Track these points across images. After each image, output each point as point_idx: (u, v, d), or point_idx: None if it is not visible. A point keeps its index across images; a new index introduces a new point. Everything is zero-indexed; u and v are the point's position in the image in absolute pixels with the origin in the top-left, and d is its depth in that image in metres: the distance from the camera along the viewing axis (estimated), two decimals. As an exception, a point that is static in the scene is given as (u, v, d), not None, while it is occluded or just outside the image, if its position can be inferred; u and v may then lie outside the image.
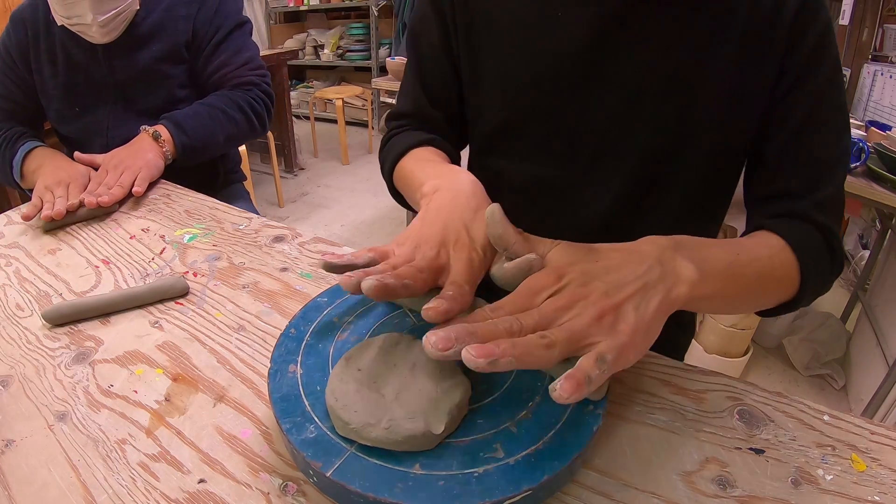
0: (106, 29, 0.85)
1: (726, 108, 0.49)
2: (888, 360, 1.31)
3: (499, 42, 0.54)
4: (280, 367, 0.36)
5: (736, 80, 0.48)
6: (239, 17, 0.99)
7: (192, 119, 0.91)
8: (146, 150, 0.83)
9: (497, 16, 0.54)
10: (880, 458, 0.34)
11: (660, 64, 0.48)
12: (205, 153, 0.94)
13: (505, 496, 0.28)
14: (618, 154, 0.52)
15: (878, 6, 1.93)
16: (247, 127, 0.98)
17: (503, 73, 0.55)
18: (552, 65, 0.51)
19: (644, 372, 0.41)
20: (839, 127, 0.49)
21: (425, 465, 0.30)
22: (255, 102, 0.99)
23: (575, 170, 0.54)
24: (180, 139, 0.88)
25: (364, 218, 2.65)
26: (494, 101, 0.57)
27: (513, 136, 0.57)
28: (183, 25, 0.93)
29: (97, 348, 0.45)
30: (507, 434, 0.31)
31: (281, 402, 0.33)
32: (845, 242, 2.24)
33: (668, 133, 0.50)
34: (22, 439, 0.36)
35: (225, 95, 0.96)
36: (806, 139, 0.49)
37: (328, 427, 0.31)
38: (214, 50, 0.96)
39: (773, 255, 0.44)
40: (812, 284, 0.45)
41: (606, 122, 0.51)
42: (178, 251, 0.61)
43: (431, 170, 0.51)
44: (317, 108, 4.05)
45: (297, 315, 0.41)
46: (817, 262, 0.46)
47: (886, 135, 1.36)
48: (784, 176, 0.50)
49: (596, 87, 0.50)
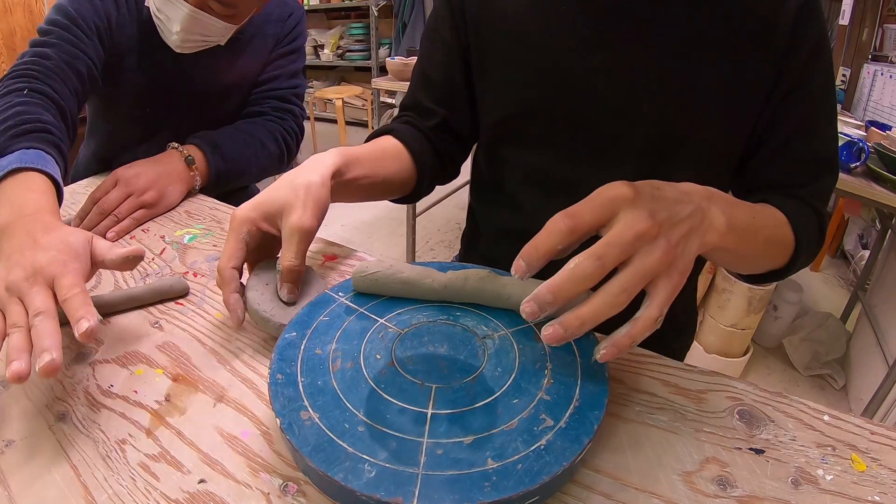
0: (186, 45, 0.76)
1: (724, 105, 0.50)
2: (888, 360, 1.31)
3: (506, 37, 0.56)
4: (291, 418, 0.33)
5: (732, 77, 0.49)
6: (306, 39, 0.98)
7: (231, 143, 0.82)
8: (173, 178, 0.73)
9: (505, 11, 0.56)
10: (880, 459, 0.34)
11: (657, 60, 0.50)
12: (233, 183, 0.85)
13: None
14: (619, 147, 0.54)
15: (878, 6, 1.93)
16: (277, 161, 0.92)
17: (510, 68, 0.57)
18: (556, 59, 0.53)
19: (644, 372, 0.41)
20: (833, 125, 0.53)
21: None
22: (288, 135, 0.93)
23: (578, 161, 0.56)
24: (215, 164, 0.79)
25: (364, 218, 2.65)
26: (502, 95, 0.58)
27: (519, 128, 0.59)
28: (270, 42, 0.90)
29: (97, 348, 0.45)
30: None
31: (318, 454, 0.30)
32: (845, 242, 2.24)
33: (665, 128, 0.52)
34: (22, 439, 0.36)
35: (260, 124, 0.89)
36: (805, 138, 0.52)
37: (385, 459, 0.30)
38: (278, 58, 0.92)
39: (779, 225, 0.48)
40: (801, 260, 0.50)
41: (607, 115, 0.53)
42: (178, 251, 0.61)
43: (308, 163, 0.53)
44: (317, 107, 4.05)
45: (273, 359, 0.37)
46: (809, 242, 0.50)
47: (886, 135, 1.36)
48: (783, 172, 0.53)
49: (597, 82, 0.52)
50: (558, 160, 0.57)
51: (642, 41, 0.50)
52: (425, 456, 0.30)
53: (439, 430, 0.32)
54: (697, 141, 0.52)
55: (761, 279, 0.52)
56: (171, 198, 0.72)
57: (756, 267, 0.49)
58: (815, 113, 0.52)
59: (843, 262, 2.25)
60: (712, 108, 0.50)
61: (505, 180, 0.63)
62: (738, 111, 0.51)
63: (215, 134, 0.83)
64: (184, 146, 0.78)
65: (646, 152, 0.53)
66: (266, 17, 0.88)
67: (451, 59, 0.61)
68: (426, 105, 0.64)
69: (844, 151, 1.28)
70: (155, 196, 0.69)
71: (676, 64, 0.50)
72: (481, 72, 0.60)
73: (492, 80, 0.59)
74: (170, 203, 0.72)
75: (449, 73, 0.62)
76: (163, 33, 0.77)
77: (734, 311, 1.49)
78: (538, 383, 0.35)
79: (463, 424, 0.32)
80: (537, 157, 0.58)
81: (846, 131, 1.36)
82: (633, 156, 0.53)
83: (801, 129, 0.51)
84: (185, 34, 0.74)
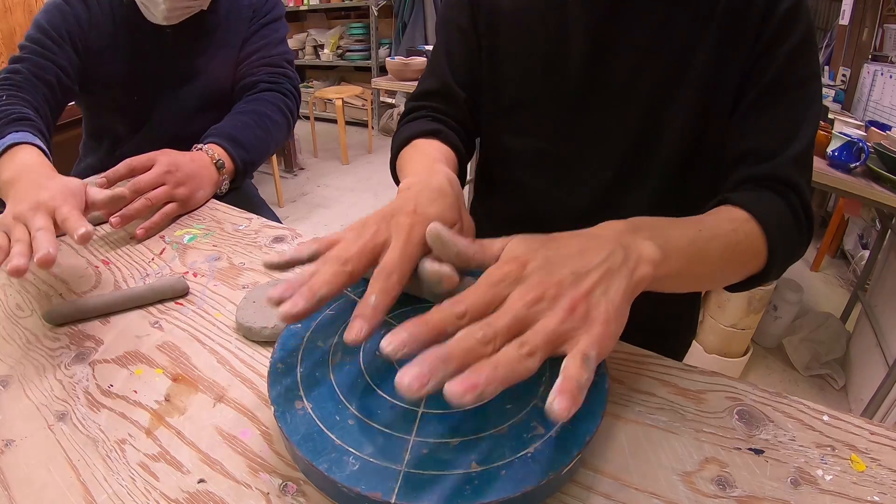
0: (173, 15, 0.81)
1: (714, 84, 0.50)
2: (888, 360, 1.31)
3: (515, 26, 0.58)
4: (285, 407, 0.33)
5: (720, 55, 0.49)
6: (284, 9, 0.99)
7: (247, 132, 0.84)
8: (205, 181, 0.73)
9: (515, 1, 0.57)
10: (880, 459, 0.34)
11: (651, 49, 0.51)
12: (256, 167, 0.87)
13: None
14: (615, 133, 0.55)
15: (878, 6, 1.93)
16: (286, 129, 0.95)
17: (517, 55, 0.58)
18: (559, 48, 0.55)
19: (644, 372, 0.41)
20: (810, 93, 0.49)
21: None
22: (289, 100, 0.95)
23: (577, 147, 0.58)
24: (241, 157, 0.80)
25: (364, 218, 2.65)
26: (509, 81, 0.59)
27: (523, 114, 0.60)
28: (245, 14, 0.91)
29: (97, 348, 0.45)
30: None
31: (306, 443, 0.31)
32: (845, 242, 2.24)
33: (655, 112, 0.53)
34: (22, 439, 0.36)
35: (263, 100, 0.91)
36: (777, 98, 0.49)
37: (370, 454, 0.30)
38: (260, 28, 0.93)
39: (737, 227, 0.43)
40: (781, 253, 0.45)
41: (604, 103, 0.54)
42: (178, 251, 0.61)
43: (419, 166, 0.51)
44: (316, 107, 4.05)
45: (276, 349, 0.38)
46: (784, 231, 0.46)
47: (886, 135, 1.36)
48: (754, 134, 0.50)
49: (596, 76, 0.54)
50: (559, 143, 0.58)
51: (635, 33, 0.51)
52: (410, 454, 0.30)
53: (428, 430, 0.32)
54: (680, 127, 0.52)
55: (746, 286, 0.48)
56: (198, 200, 0.72)
57: (725, 279, 0.46)
58: (788, 76, 0.49)
59: (843, 262, 2.25)
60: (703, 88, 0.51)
61: (511, 163, 0.64)
62: (728, 88, 0.51)
63: (229, 126, 0.82)
64: (208, 146, 0.77)
65: (641, 135, 0.54)
66: None
67: (469, 45, 0.62)
68: (454, 90, 0.62)
69: (844, 151, 1.28)
70: (186, 193, 0.69)
71: (667, 59, 0.51)
72: (492, 60, 0.61)
73: (501, 69, 0.60)
74: (195, 204, 0.71)
75: (471, 58, 0.62)
76: (148, 12, 0.80)
77: (734, 310, 1.49)
78: (534, 390, 0.34)
79: (452, 426, 0.32)
80: (540, 141, 0.59)
81: (846, 131, 1.36)
82: (627, 142, 0.55)
83: (770, 91, 0.49)
84: (172, 3, 0.78)
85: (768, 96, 0.49)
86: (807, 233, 0.49)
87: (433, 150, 0.55)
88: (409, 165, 0.53)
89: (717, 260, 0.41)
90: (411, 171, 0.50)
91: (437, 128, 0.58)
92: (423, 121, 0.60)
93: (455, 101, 0.62)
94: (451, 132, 0.59)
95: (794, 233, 0.48)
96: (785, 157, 0.48)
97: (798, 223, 0.48)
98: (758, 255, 0.45)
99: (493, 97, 0.62)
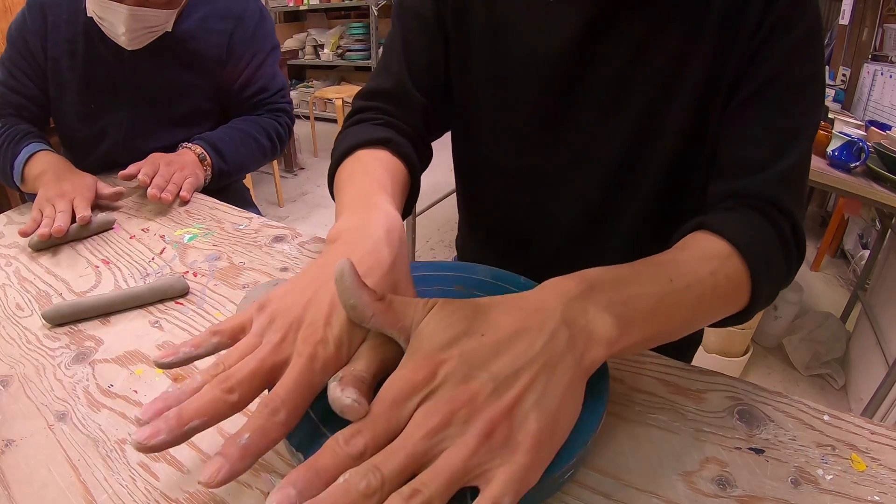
0: (135, 41, 0.82)
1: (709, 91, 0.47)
2: (888, 360, 1.31)
3: (492, 28, 0.52)
4: None
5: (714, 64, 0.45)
6: (273, 39, 0.99)
7: (229, 144, 0.90)
8: (194, 165, 0.83)
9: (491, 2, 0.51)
10: (880, 458, 0.34)
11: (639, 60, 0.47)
12: (231, 178, 0.94)
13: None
14: (601, 145, 0.51)
15: (878, 6, 1.93)
16: (270, 153, 1.01)
17: (495, 60, 0.52)
18: (542, 56, 0.50)
19: (644, 372, 0.41)
20: (810, 97, 0.45)
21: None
22: (281, 130, 1.02)
23: (561, 162, 0.54)
24: (218, 164, 0.87)
25: (364, 218, 2.65)
26: (484, 87, 0.54)
27: (501, 123, 0.55)
28: (217, 39, 0.91)
29: (97, 348, 0.45)
30: None
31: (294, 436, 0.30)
32: (845, 242, 2.24)
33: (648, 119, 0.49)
34: (22, 439, 0.36)
35: (255, 122, 0.97)
36: (771, 101, 0.44)
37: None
38: (254, 73, 0.96)
39: (716, 269, 0.37)
40: (765, 291, 0.40)
41: (590, 117, 0.51)
42: (178, 251, 0.61)
43: (357, 195, 0.42)
44: (317, 107, 4.04)
45: None
46: (770, 264, 0.40)
47: (886, 135, 1.36)
48: (742, 141, 0.45)
49: (579, 84, 0.50)
50: (541, 158, 0.54)
51: (624, 41, 0.47)
52: None
53: None
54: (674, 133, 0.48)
55: (721, 325, 0.41)
56: (195, 170, 0.82)
57: (697, 326, 0.38)
58: (785, 77, 0.43)
59: (843, 261, 2.25)
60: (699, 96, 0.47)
61: (485, 174, 0.60)
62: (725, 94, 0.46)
63: (215, 136, 0.90)
64: (192, 145, 0.86)
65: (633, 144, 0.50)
66: (210, 12, 0.90)
67: (430, 38, 0.54)
68: (411, 93, 0.54)
69: (844, 151, 1.28)
70: (180, 165, 0.80)
71: (662, 51, 0.46)
72: (462, 62, 0.55)
73: (474, 72, 0.54)
74: (196, 173, 0.81)
75: (433, 53, 0.55)
76: (112, 36, 0.82)
77: (734, 310, 1.49)
78: None
79: None
80: (520, 154, 0.55)
81: (846, 131, 1.36)
82: (616, 157, 0.51)
83: (764, 91, 0.44)
84: (131, 33, 0.80)
85: (762, 97, 0.44)
86: (796, 261, 0.44)
87: (378, 169, 0.46)
88: (347, 190, 0.44)
89: (690, 311, 0.36)
90: (347, 203, 0.41)
91: (387, 136, 0.49)
92: (370, 125, 0.52)
93: (410, 106, 0.54)
94: (402, 140, 0.50)
95: (782, 263, 0.42)
96: (774, 171, 0.43)
97: (787, 251, 0.43)
98: (740, 295, 0.39)
99: (464, 102, 0.57)
